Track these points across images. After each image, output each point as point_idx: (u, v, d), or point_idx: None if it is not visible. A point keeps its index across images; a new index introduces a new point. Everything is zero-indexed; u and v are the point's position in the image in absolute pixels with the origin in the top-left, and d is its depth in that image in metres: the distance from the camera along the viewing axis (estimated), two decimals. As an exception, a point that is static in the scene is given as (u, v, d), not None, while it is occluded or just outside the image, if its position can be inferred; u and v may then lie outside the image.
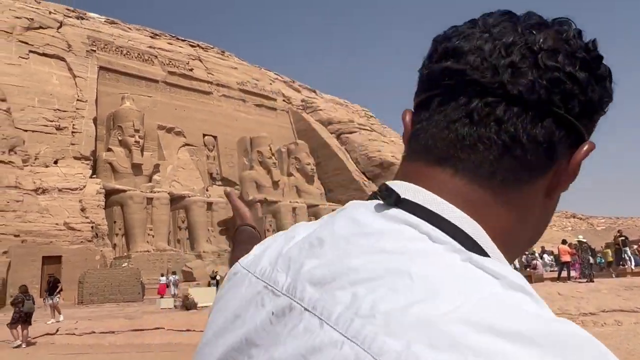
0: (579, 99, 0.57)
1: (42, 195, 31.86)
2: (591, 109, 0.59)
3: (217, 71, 54.41)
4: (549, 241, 54.04)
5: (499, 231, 0.58)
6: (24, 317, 12.83)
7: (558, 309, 13.49)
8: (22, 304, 12.99)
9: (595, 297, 14.40)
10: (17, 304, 12.99)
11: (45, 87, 37.90)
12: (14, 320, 12.72)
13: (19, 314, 12.77)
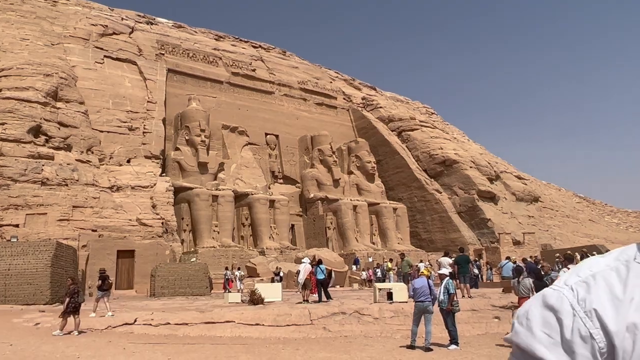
0: None
1: (117, 193, 33.59)
2: None
3: (279, 71, 55.23)
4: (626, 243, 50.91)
5: None
6: (78, 307, 13.35)
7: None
8: (78, 294, 13.53)
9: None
10: (73, 295, 13.28)
11: (119, 90, 39.94)
12: (68, 309, 13.09)
13: (75, 304, 13.20)
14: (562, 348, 0.78)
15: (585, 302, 0.81)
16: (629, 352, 0.75)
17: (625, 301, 0.80)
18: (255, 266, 33.71)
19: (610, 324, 0.78)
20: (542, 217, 51.82)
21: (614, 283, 0.83)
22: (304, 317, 14.53)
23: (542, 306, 0.84)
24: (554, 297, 0.83)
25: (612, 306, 0.80)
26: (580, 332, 0.77)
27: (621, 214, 79.12)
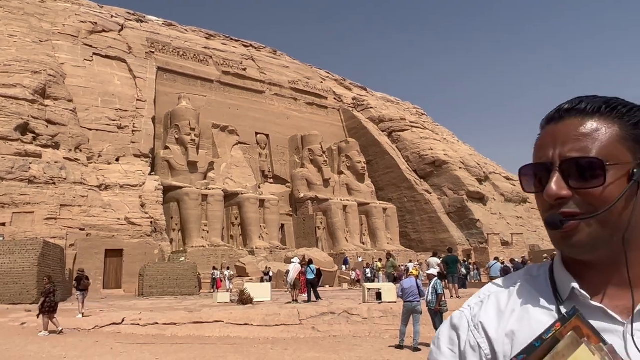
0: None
1: (105, 191, 33.35)
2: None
3: (270, 70, 55.16)
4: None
5: None
6: (54, 307, 13.17)
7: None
8: (54, 294, 13.41)
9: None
10: (49, 294, 13.13)
11: (108, 88, 39.64)
12: (44, 309, 12.93)
13: (51, 303, 13.03)
14: (459, 358, 0.92)
15: (476, 318, 0.96)
16: (508, 355, 0.89)
17: (507, 312, 0.94)
18: (245, 266, 33.61)
19: (492, 333, 0.92)
20: (530, 217, 52.26)
21: (502, 299, 0.97)
22: (293, 317, 14.53)
23: (449, 326, 0.98)
24: (457, 317, 0.98)
25: (496, 318, 0.94)
26: (470, 342, 0.92)
27: (608, 215, 79.81)
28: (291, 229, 47.10)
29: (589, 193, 0.88)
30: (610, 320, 0.89)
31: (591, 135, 0.90)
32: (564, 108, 0.96)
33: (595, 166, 0.88)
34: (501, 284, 1.02)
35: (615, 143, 0.90)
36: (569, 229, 0.89)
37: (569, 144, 0.91)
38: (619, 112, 0.92)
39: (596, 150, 0.89)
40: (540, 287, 0.97)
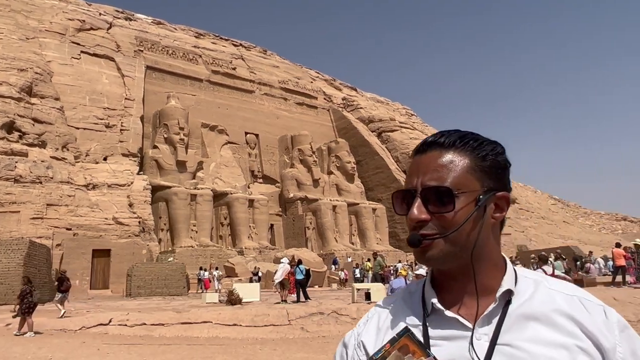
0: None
1: (93, 191, 33.01)
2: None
3: (260, 70, 55.01)
4: (598, 244, 52.01)
5: None
6: (32, 308, 13.07)
7: (615, 315, 12.93)
8: (31, 294, 13.29)
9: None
10: (26, 295, 13.03)
11: (96, 86, 39.25)
12: (22, 310, 12.85)
13: (29, 304, 12.92)
14: None
15: (359, 336, 1.08)
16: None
17: (382, 330, 1.07)
18: (234, 266, 33.46)
19: (370, 350, 1.04)
20: (518, 218, 52.66)
21: (382, 317, 1.10)
22: (282, 317, 14.49)
23: (341, 343, 1.12)
24: (348, 335, 1.10)
25: (375, 336, 1.07)
26: (354, 359, 1.04)
27: (594, 215, 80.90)
28: (280, 229, 47.01)
29: (443, 217, 1.03)
30: (462, 327, 1.04)
31: (447, 166, 1.06)
32: (428, 141, 1.11)
33: (446, 194, 1.04)
34: (384, 304, 1.16)
35: (465, 173, 1.05)
36: (425, 246, 1.05)
37: (428, 173, 1.06)
38: (470, 146, 1.08)
39: (449, 180, 1.05)
40: (414, 303, 1.12)
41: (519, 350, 0.99)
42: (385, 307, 1.15)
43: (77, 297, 26.05)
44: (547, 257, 11.54)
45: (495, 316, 1.04)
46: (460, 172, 1.06)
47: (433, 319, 1.07)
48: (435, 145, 1.09)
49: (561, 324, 1.01)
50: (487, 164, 1.08)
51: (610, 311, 1.06)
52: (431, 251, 1.04)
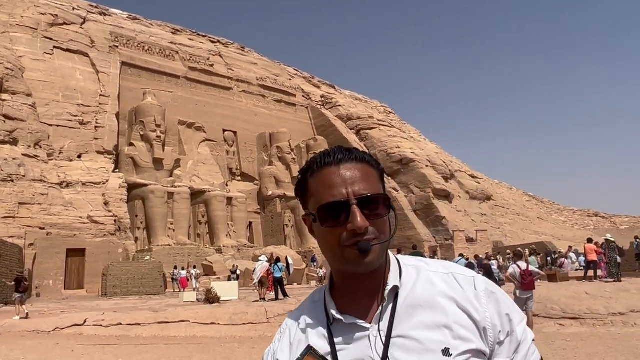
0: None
1: (67, 189, 32.37)
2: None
3: (237, 67, 54.61)
4: (572, 240, 53.16)
5: None
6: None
7: (587, 309, 13.25)
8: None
9: (625, 297, 14.08)
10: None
11: (69, 83, 38.45)
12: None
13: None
14: None
15: (275, 354, 1.13)
16: None
17: (294, 344, 1.13)
18: (212, 264, 33.24)
19: None
20: (494, 215, 53.46)
21: (292, 332, 1.15)
22: (261, 315, 14.45)
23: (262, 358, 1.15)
24: (265, 353, 1.16)
25: (288, 351, 1.12)
26: None
27: (567, 212, 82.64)
28: (259, 226, 46.84)
29: (379, 222, 1.11)
30: (362, 329, 1.11)
31: (368, 176, 1.14)
32: (339, 157, 1.16)
33: (382, 200, 1.12)
34: (292, 317, 1.22)
35: (379, 182, 1.18)
36: (367, 252, 1.10)
37: (357, 184, 1.11)
38: (371, 159, 1.20)
39: (377, 188, 1.15)
40: (319, 312, 1.17)
41: (409, 339, 1.07)
42: (294, 320, 1.20)
43: (51, 297, 25.54)
44: (522, 253, 11.77)
45: (387, 312, 1.12)
46: (377, 181, 1.18)
47: (336, 326, 1.13)
48: (349, 159, 1.15)
49: (441, 305, 1.10)
50: (381, 173, 1.23)
51: (479, 281, 1.15)
52: (371, 256, 1.09)
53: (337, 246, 1.10)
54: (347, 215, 1.09)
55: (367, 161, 1.18)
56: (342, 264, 1.12)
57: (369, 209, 1.10)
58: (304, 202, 1.19)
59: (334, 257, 1.12)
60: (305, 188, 1.18)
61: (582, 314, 13.16)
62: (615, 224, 75.59)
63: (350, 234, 1.08)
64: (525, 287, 10.64)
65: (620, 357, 8.60)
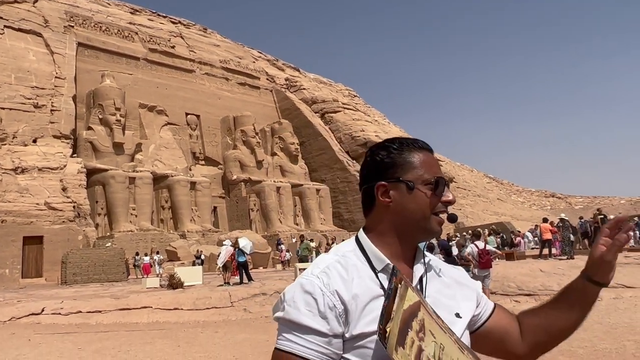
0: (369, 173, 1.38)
1: (22, 175, 31.23)
2: (380, 171, 1.35)
3: (200, 49, 53.50)
4: (529, 219, 54.93)
5: (366, 229, 1.39)
6: None
7: (541, 285, 13.78)
8: None
9: (576, 273, 14.52)
10: None
11: (22, 64, 36.85)
12: None
13: None
14: (319, 317, 1.19)
15: (330, 286, 1.23)
16: (354, 311, 1.21)
17: (349, 281, 1.24)
18: (176, 250, 32.84)
19: (344, 297, 1.21)
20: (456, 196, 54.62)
21: (341, 271, 1.26)
22: (224, 299, 14.43)
23: (302, 292, 1.23)
24: (309, 285, 1.24)
25: (343, 285, 1.23)
26: (328, 305, 1.20)
27: (526, 193, 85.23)
28: (224, 211, 46.48)
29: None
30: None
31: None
32: (429, 147, 1.42)
33: (448, 183, 1.39)
34: (333, 260, 1.33)
35: None
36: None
37: (441, 170, 1.39)
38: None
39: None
40: (361, 262, 1.32)
41: (437, 300, 1.34)
42: (337, 263, 1.30)
43: (8, 286, 24.77)
44: (481, 233, 12.13)
45: (421, 276, 1.38)
46: None
47: (381, 275, 1.29)
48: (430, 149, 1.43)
49: (453, 278, 1.47)
50: None
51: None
52: (451, 225, 1.29)
53: (428, 213, 1.31)
54: (442, 190, 1.33)
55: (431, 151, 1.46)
56: (423, 230, 1.33)
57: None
58: (393, 172, 1.34)
59: (419, 223, 1.32)
60: (403, 160, 1.35)
61: (537, 291, 13.68)
62: (571, 204, 78.49)
63: (443, 204, 1.33)
64: (483, 265, 10.98)
65: (570, 330, 9.01)
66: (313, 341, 1.19)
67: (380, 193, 1.34)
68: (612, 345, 7.62)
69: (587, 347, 7.62)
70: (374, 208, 1.37)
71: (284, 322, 1.23)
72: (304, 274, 1.31)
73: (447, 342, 1.12)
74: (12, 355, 8.91)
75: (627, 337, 8.06)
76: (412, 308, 1.10)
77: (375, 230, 1.36)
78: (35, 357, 8.72)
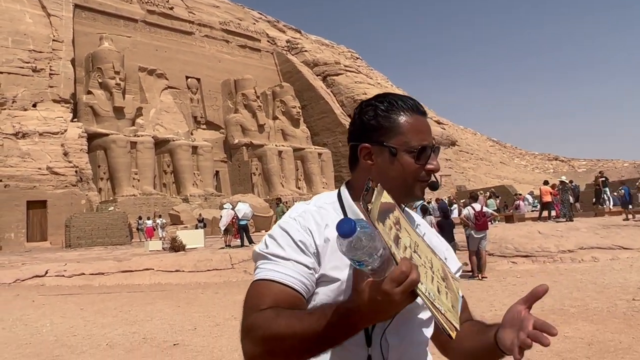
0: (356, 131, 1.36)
1: (23, 140, 31.24)
2: (365, 131, 1.33)
3: (199, 10, 52.44)
4: (532, 183, 54.97)
5: (349, 185, 1.41)
6: None
7: (538, 247, 13.89)
8: None
9: (575, 235, 14.80)
10: None
11: (19, 27, 36.27)
12: None
13: None
14: (298, 249, 1.23)
15: (304, 225, 1.28)
16: (324, 254, 1.24)
17: (322, 225, 1.28)
18: (179, 214, 33.15)
19: (316, 238, 1.26)
20: (459, 160, 54.55)
21: (316, 216, 1.30)
22: (225, 261, 14.63)
23: (280, 229, 1.28)
24: (286, 224, 1.29)
25: (317, 228, 1.27)
26: (303, 241, 1.24)
27: (529, 156, 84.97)
28: (226, 175, 46.59)
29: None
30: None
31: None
32: (422, 109, 1.38)
33: (437, 150, 1.37)
34: (308, 206, 1.38)
35: None
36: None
37: (431, 134, 1.36)
38: None
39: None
40: (337, 214, 1.33)
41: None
42: (312, 208, 1.36)
43: (13, 250, 25.17)
44: (477, 195, 12.16)
45: None
46: None
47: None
48: (423, 111, 1.39)
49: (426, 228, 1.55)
50: None
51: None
52: (433, 192, 1.28)
53: (412, 179, 1.30)
54: (428, 158, 1.31)
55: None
56: (406, 194, 1.33)
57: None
58: (379, 134, 1.31)
59: (402, 187, 1.31)
60: (389, 123, 1.31)
61: (534, 252, 13.81)
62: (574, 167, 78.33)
63: (427, 172, 1.32)
64: (479, 227, 11.05)
65: (564, 290, 9.13)
66: (293, 268, 1.20)
67: (363, 155, 1.33)
68: (604, 304, 7.73)
69: (579, 305, 7.73)
70: (357, 166, 1.36)
71: (262, 256, 1.25)
72: (283, 217, 1.36)
73: (421, 242, 1.11)
74: (17, 316, 9.12)
75: (619, 297, 8.16)
76: (389, 205, 1.08)
77: (357, 188, 1.33)
78: (38, 318, 8.92)
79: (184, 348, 6.44)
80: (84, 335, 7.41)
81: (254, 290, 1.20)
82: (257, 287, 1.20)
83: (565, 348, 5.52)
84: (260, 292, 1.19)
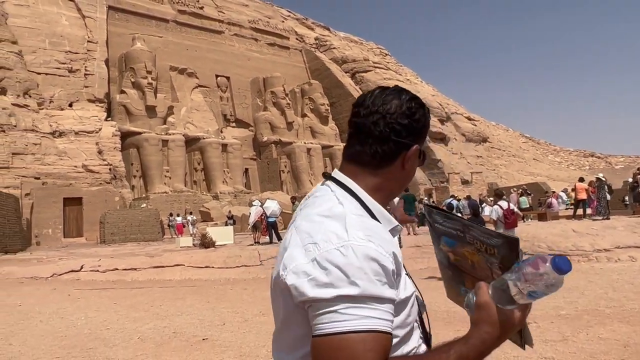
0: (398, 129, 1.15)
1: (59, 138, 32.20)
2: (409, 131, 1.16)
3: (228, 9, 52.99)
4: (566, 180, 53.62)
5: (372, 187, 1.18)
6: None
7: (572, 245, 13.53)
8: None
9: (611, 233, 14.35)
10: None
11: (55, 29, 37.39)
12: None
13: None
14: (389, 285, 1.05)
15: (386, 249, 1.08)
16: (400, 270, 1.09)
17: (390, 241, 1.13)
18: (209, 211, 33.64)
19: (400, 259, 1.11)
20: (490, 157, 53.60)
21: (381, 231, 1.11)
22: (254, 258, 14.75)
23: (368, 259, 1.03)
24: (371, 251, 1.03)
25: (393, 247, 1.08)
26: (393, 270, 1.07)
27: (563, 152, 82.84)
28: (255, 172, 47.01)
29: None
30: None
31: None
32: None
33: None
34: (363, 218, 1.14)
35: None
36: None
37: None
38: None
39: None
40: (365, 217, 1.19)
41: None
42: (374, 225, 1.13)
43: (51, 245, 26.01)
44: (503, 193, 11.89)
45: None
46: None
47: (394, 233, 1.21)
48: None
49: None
50: None
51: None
52: None
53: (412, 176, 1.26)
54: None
55: None
56: (392, 198, 1.29)
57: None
58: (418, 137, 1.19)
59: (398, 191, 1.26)
60: (427, 125, 1.23)
61: (568, 251, 13.44)
62: (611, 164, 75.95)
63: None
64: (509, 225, 10.81)
65: (599, 290, 8.86)
66: (390, 311, 1.00)
67: (408, 157, 1.17)
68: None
69: (615, 306, 7.49)
70: (385, 165, 1.16)
71: (355, 299, 0.96)
72: (350, 239, 1.02)
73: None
74: (53, 309, 9.41)
75: (658, 298, 7.87)
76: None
77: (373, 186, 1.17)
78: (74, 311, 9.18)
79: (212, 343, 6.52)
80: (116, 328, 7.59)
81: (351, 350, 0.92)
82: (347, 345, 0.92)
83: (600, 350, 5.36)
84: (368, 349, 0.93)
